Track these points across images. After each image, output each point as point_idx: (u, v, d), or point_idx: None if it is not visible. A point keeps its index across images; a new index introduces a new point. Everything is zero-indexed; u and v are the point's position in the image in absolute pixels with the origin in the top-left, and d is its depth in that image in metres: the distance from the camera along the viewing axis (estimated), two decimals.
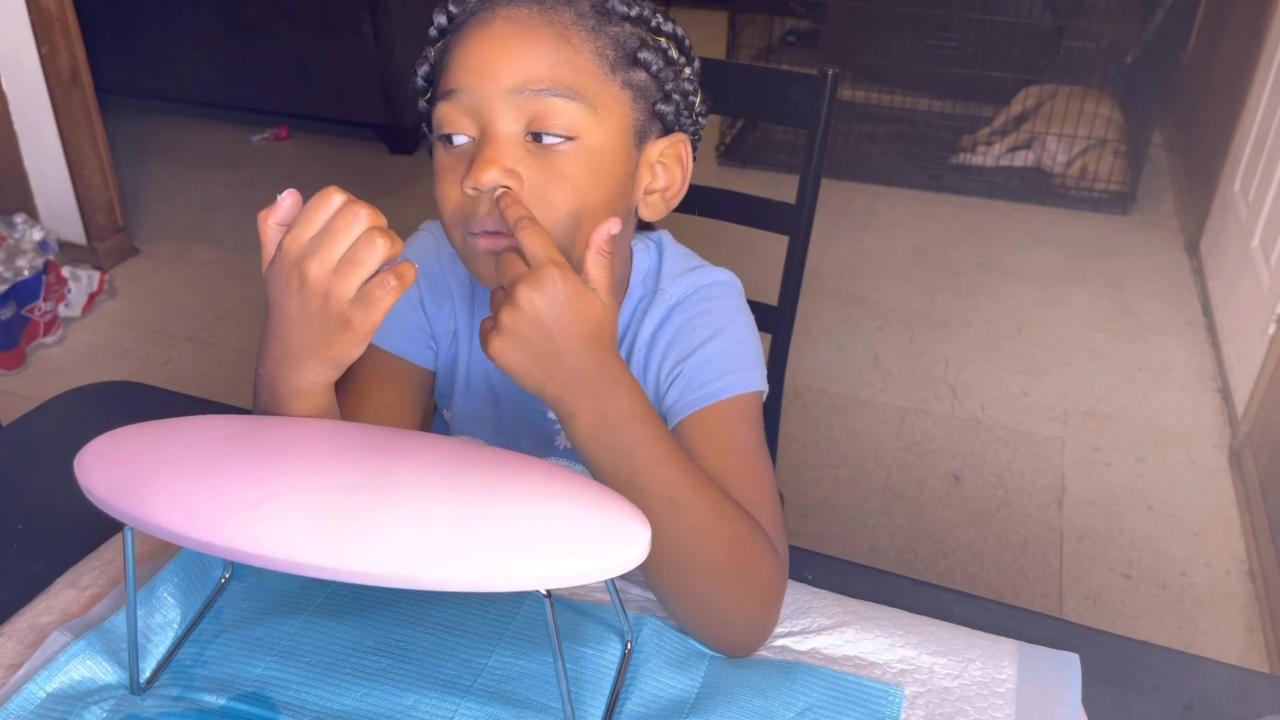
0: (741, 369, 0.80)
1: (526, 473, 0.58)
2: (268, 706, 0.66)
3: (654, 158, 0.79)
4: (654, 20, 0.78)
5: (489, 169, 0.71)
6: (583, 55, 0.73)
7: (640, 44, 0.76)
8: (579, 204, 0.73)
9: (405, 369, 0.87)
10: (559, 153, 0.72)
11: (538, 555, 0.53)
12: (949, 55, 3.48)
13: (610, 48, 0.74)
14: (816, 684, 0.69)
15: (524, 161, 0.72)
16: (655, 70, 0.77)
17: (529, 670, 0.69)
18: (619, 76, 0.75)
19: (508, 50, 0.72)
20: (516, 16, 0.73)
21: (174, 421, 0.64)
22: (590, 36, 0.74)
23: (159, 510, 0.56)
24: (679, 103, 0.79)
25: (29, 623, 0.72)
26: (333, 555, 0.53)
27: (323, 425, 0.63)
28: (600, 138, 0.74)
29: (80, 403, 0.99)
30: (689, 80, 0.80)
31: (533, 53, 0.72)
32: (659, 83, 0.77)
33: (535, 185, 0.72)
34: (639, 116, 0.77)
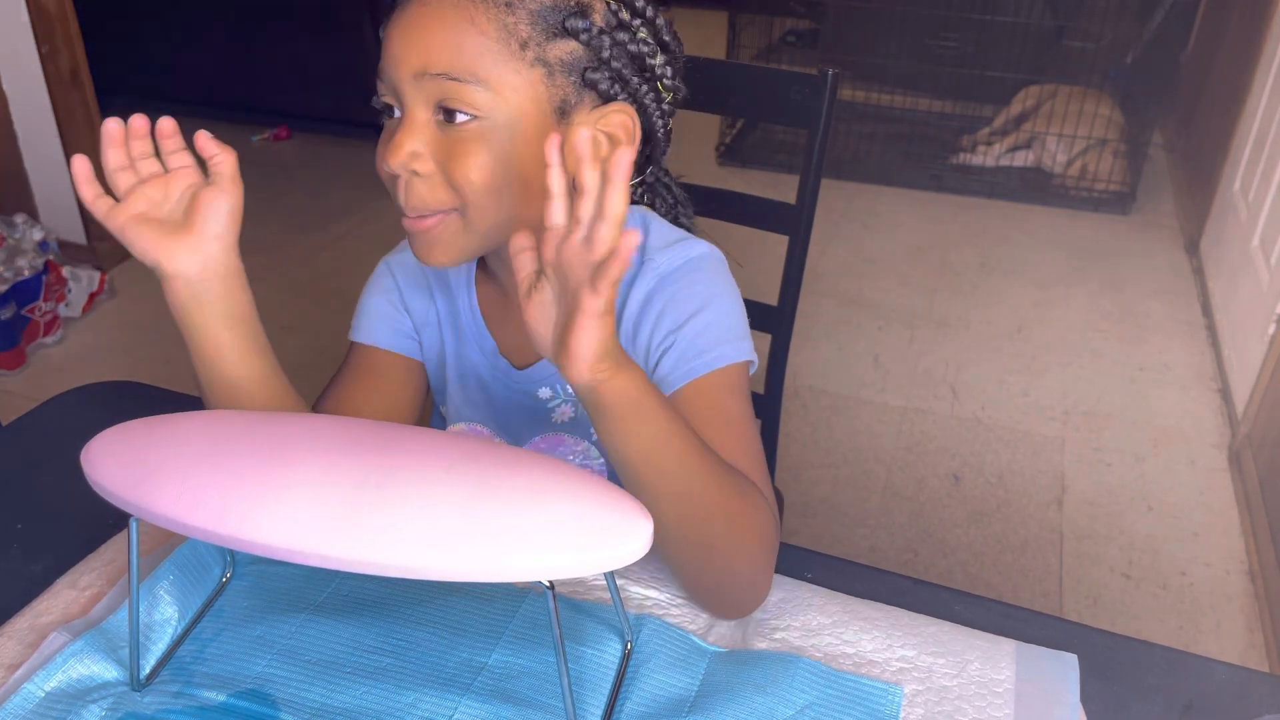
0: (733, 339, 0.81)
1: (530, 466, 0.58)
2: (268, 704, 0.66)
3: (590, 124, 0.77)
4: None
5: (398, 152, 0.74)
6: (486, 36, 0.73)
7: (575, 11, 0.75)
8: (488, 181, 0.75)
9: (394, 362, 0.90)
10: (465, 131, 0.74)
11: (541, 547, 0.53)
12: (949, 55, 3.48)
13: (525, 22, 0.73)
14: (816, 682, 0.69)
15: (434, 142, 0.75)
16: (587, 38, 0.75)
17: (529, 669, 0.69)
18: (529, 53, 0.74)
19: (412, 36, 0.73)
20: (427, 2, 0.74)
21: (180, 416, 0.64)
22: (499, 13, 0.73)
23: (165, 501, 0.57)
24: (620, 69, 0.77)
25: (29, 623, 0.72)
26: (337, 545, 0.53)
27: (328, 420, 0.64)
28: (504, 115, 0.74)
29: (80, 402, 0.99)
30: (645, 42, 0.78)
31: (433, 39, 0.73)
32: (591, 50, 0.76)
33: (444, 165, 0.75)
34: (559, 91, 0.75)
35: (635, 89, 0.78)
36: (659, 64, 0.80)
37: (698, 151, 3.42)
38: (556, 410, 0.90)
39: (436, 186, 0.75)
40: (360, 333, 0.90)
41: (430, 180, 0.75)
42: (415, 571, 0.53)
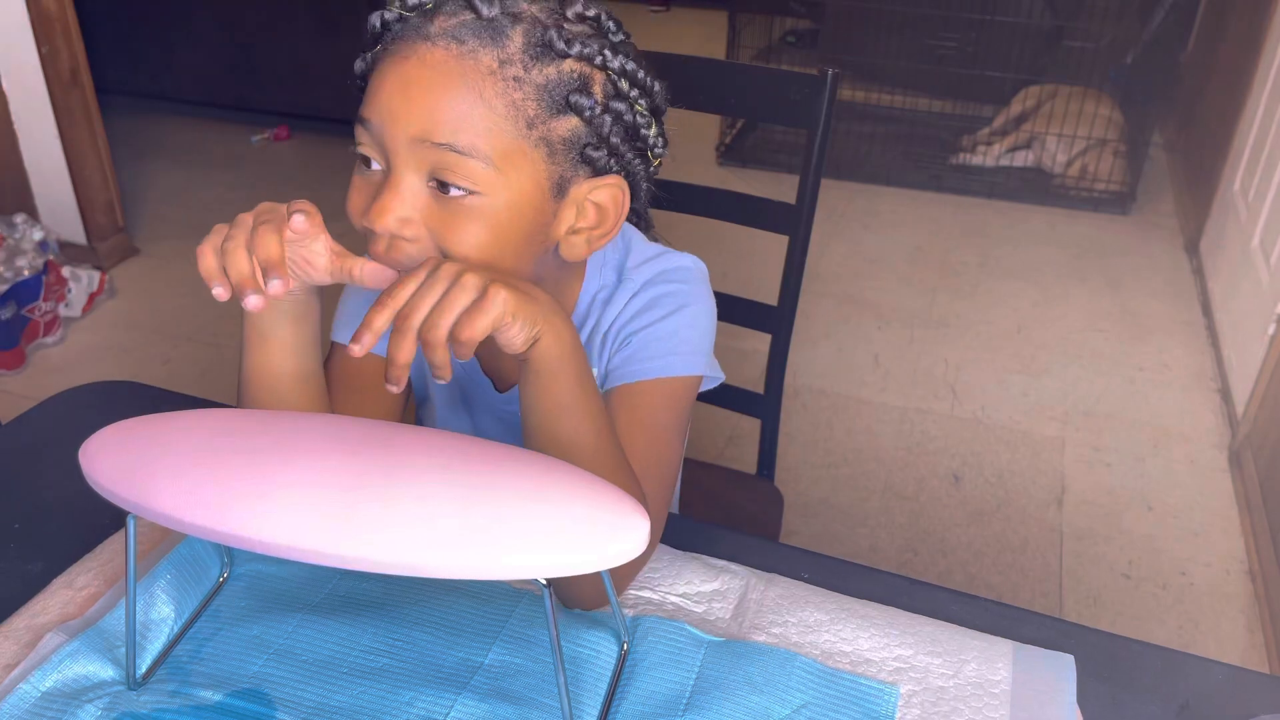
0: (686, 353, 0.81)
1: (527, 465, 0.59)
2: (264, 703, 0.66)
3: (581, 199, 0.75)
4: (599, 57, 0.72)
5: (385, 216, 0.71)
6: (494, 112, 0.69)
7: (578, 86, 0.72)
8: (483, 257, 0.72)
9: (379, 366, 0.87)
10: (462, 205, 0.71)
11: (538, 544, 0.53)
12: (949, 55, 3.48)
13: (533, 99, 0.70)
14: (812, 681, 0.69)
15: (426, 209, 0.72)
16: (589, 115, 0.72)
17: (525, 668, 0.69)
18: (535, 132, 0.71)
19: (413, 98, 0.69)
20: (431, 59, 0.69)
21: (178, 414, 0.64)
22: (509, 88, 0.69)
23: (163, 498, 0.57)
24: (617, 145, 0.74)
25: (26, 623, 0.72)
26: (334, 542, 0.53)
27: (325, 419, 0.64)
28: (505, 195, 0.71)
29: (79, 402, 0.99)
30: (642, 115, 0.76)
31: (438, 106, 0.69)
32: (593, 127, 0.73)
33: (436, 234, 0.72)
34: (558, 169, 0.73)
35: (628, 162, 0.76)
36: (652, 135, 0.78)
37: (698, 151, 3.42)
38: None
39: (424, 252, 0.72)
40: (344, 334, 0.88)
41: (419, 245, 0.72)
42: (412, 569, 0.53)
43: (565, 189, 0.74)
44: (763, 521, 1.26)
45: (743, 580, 0.78)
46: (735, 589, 0.77)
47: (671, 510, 0.85)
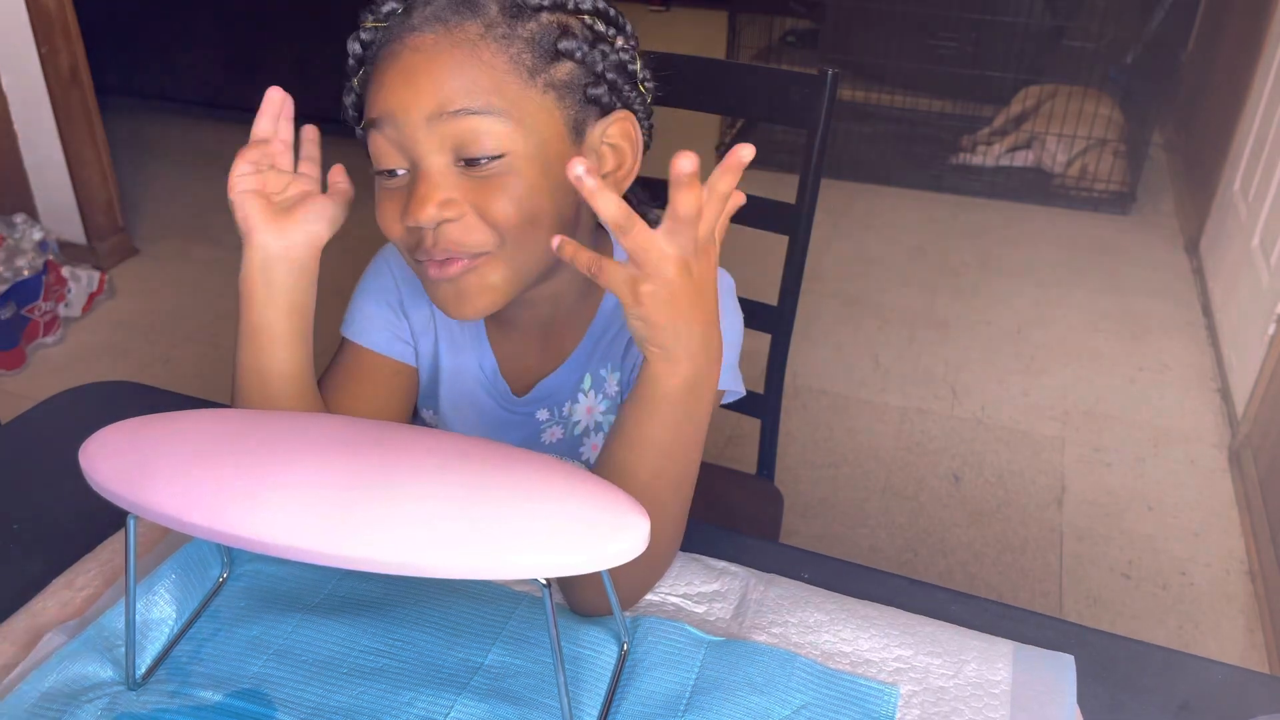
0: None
1: (526, 464, 0.58)
2: (264, 703, 0.66)
3: (597, 143, 0.77)
4: (571, 3, 0.75)
5: (426, 206, 0.72)
6: (496, 69, 0.71)
7: (560, 32, 0.74)
8: (525, 215, 0.73)
9: (388, 367, 0.89)
10: (493, 173, 0.72)
11: (538, 544, 0.53)
12: (949, 55, 3.48)
13: (526, 51, 0.73)
14: (812, 682, 0.69)
15: (460, 188, 0.73)
16: (580, 56, 0.75)
17: (525, 668, 0.69)
18: (540, 79, 0.73)
19: (418, 79, 0.71)
20: (423, 45, 0.72)
21: (178, 414, 0.64)
22: (502, 46, 0.72)
23: (163, 498, 0.57)
24: (614, 79, 0.77)
25: (25, 623, 0.72)
26: (334, 542, 0.53)
27: (325, 419, 0.64)
28: (530, 147, 0.73)
29: (78, 402, 0.99)
30: (624, 50, 0.78)
31: (443, 77, 0.71)
32: (586, 67, 0.75)
33: (476, 206, 0.73)
34: (570, 112, 0.75)
35: (627, 97, 0.78)
36: (639, 68, 0.80)
37: (698, 151, 3.41)
38: (547, 431, 0.91)
39: (472, 228, 0.73)
40: (356, 331, 0.89)
41: (464, 223, 0.73)
42: (412, 569, 0.53)
43: (582, 131, 0.76)
44: (763, 521, 1.26)
45: (743, 581, 0.78)
46: (735, 589, 0.77)
47: None
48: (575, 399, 0.89)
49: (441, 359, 0.90)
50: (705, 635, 0.72)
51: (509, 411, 0.90)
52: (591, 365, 0.88)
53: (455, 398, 0.91)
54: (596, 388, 0.88)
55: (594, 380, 0.88)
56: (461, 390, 0.90)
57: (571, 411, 0.89)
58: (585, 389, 0.88)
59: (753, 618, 0.74)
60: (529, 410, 0.89)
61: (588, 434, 0.91)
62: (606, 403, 0.89)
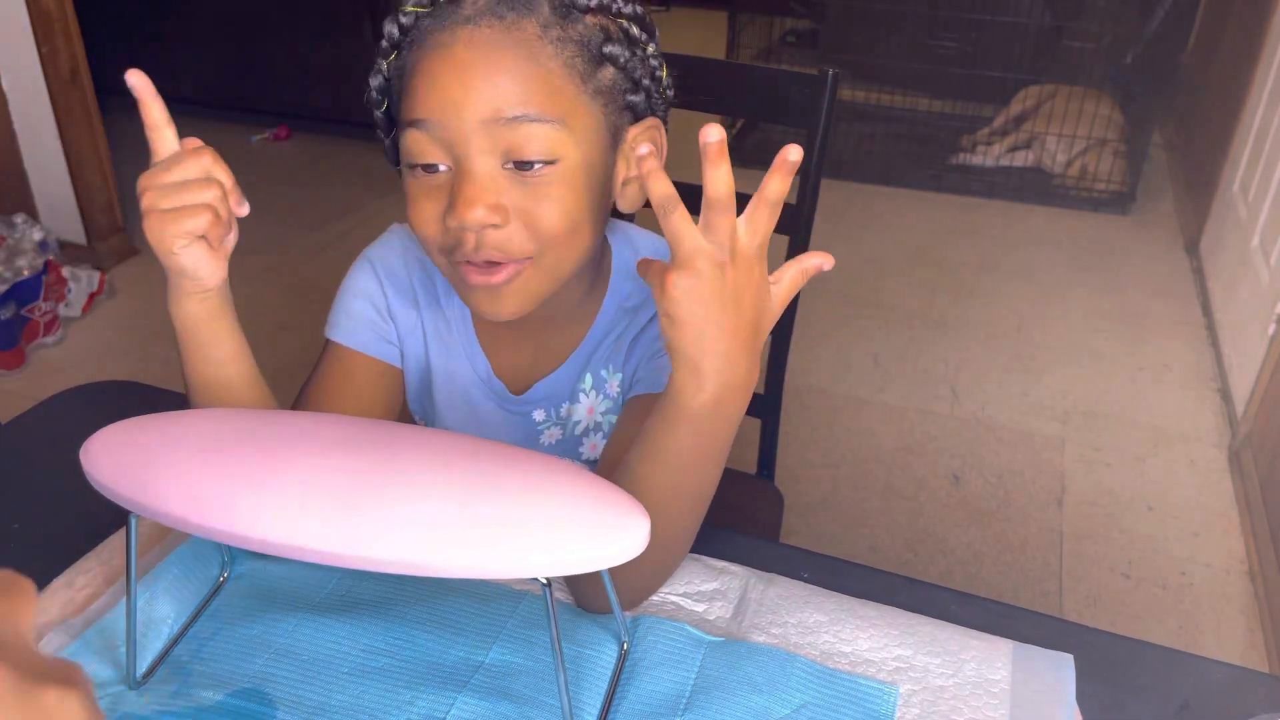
0: None
1: (528, 464, 0.59)
2: (265, 702, 0.66)
3: (628, 149, 0.77)
4: (614, 4, 0.74)
5: (474, 208, 0.70)
6: (553, 73, 0.70)
7: (605, 37, 0.73)
8: (570, 224, 0.73)
9: (374, 369, 0.87)
10: (542, 177, 0.71)
11: (538, 543, 0.53)
12: (949, 55, 3.48)
13: (578, 54, 0.71)
14: (812, 681, 0.69)
15: (507, 192, 0.71)
16: (623, 62, 0.74)
17: (526, 667, 0.69)
18: (590, 85, 0.72)
19: (475, 79, 0.69)
20: (478, 40, 0.69)
21: (179, 414, 0.64)
22: (557, 49, 0.71)
23: (164, 496, 0.57)
24: (649, 86, 0.77)
25: None
26: (335, 541, 0.53)
27: (326, 418, 0.64)
28: (580, 154, 0.72)
29: (78, 402, 0.99)
30: (654, 56, 0.78)
31: (501, 80, 0.69)
32: (627, 73, 0.75)
33: (522, 213, 0.72)
34: (612, 118, 0.75)
35: (656, 104, 0.78)
36: (665, 75, 0.80)
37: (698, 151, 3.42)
38: (545, 432, 0.90)
39: (515, 234, 0.72)
40: (340, 332, 0.87)
41: (507, 230, 0.72)
42: (413, 567, 0.53)
43: (619, 139, 0.76)
44: (763, 521, 1.26)
45: (742, 580, 0.78)
46: (735, 589, 0.77)
47: None
48: (575, 399, 0.88)
49: (432, 361, 0.89)
50: (705, 635, 0.72)
51: (507, 411, 0.89)
52: (593, 365, 0.87)
53: (451, 398, 0.90)
54: (598, 388, 0.88)
55: (595, 380, 0.88)
56: (456, 391, 0.90)
57: (571, 412, 0.89)
58: (586, 389, 0.88)
59: (752, 617, 0.74)
60: (525, 410, 0.89)
61: (588, 434, 0.90)
62: (608, 403, 0.89)
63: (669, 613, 0.75)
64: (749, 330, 0.64)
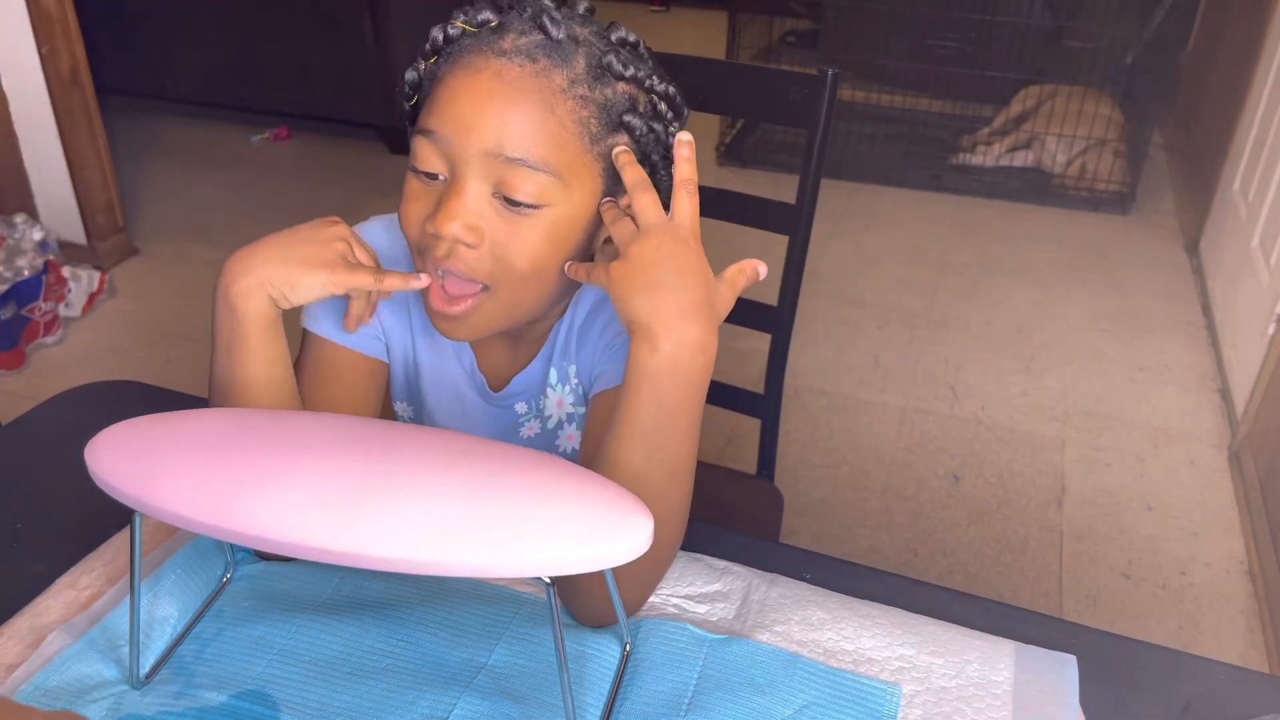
0: None
1: (531, 464, 0.59)
2: (268, 704, 0.66)
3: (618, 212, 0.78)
4: (649, 80, 0.77)
5: (451, 223, 0.72)
6: (564, 127, 0.72)
7: (630, 106, 0.75)
8: (537, 268, 0.75)
9: (362, 362, 0.87)
10: (525, 216, 0.73)
11: (542, 542, 0.53)
12: (949, 55, 3.48)
13: (596, 116, 0.74)
14: (815, 681, 0.69)
15: (489, 218, 0.74)
16: (639, 134, 0.76)
17: (528, 668, 0.69)
18: (598, 148, 0.74)
19: (489, 111, 0.71)
20: (507, 75, 0.72)
21: (184, 413, 0.64)
22: (578, 106, 0.73)
23: (169, 495, 0.57)
24: (656, 162, 0.79)
25: (29, 623, 0.72)
26: (339, 539, 0.53)
27: (330, 418, 0.64)
28: (567, 208, 0.74)
29: (79, 402, 0.99)
30: (673, 133, 0.79)
31: (513, 119, 0.71)
32: (639, 145, 0.77)
33: (497, 243, 0.74)
34: (610, 182, 0.76)
35: (660, 177, 0.80)
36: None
37: (698, 151, 3.41)
38: (525, 425, 0.92)
39: (482, 259, 0.74)
40: (322, 326, 0.86)
41: (478, 253, 0.74)
42: (417, 566, 0.53)
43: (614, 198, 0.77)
44: (763, 521, 1.26)
45: (744, 581, 0.78)
46: (737, 590, 0.77)
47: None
48: (545, 393, 0.91)
49: (420, 355, 0.90)
50: (707, 635, 0.72)
51: (490, 404, 0.91)
52: (555, 360, 0.89)
53: (439, 391, 0.92)
54: (563, 381, 0.90)
55: (559, 374, 0.90)
56: (444, 384, 0.91)
57: (544, 405, 0.91)
58: (553, 383, 0.90)
59: (755, 618, 0.74)
60: (508, 403, 0.91)
61: (561, 426, 0.93)
62: (574, 396, 0.91)
63: (671, 614, 0.75)
64: (700, 301, 0.69)
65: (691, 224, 0.71)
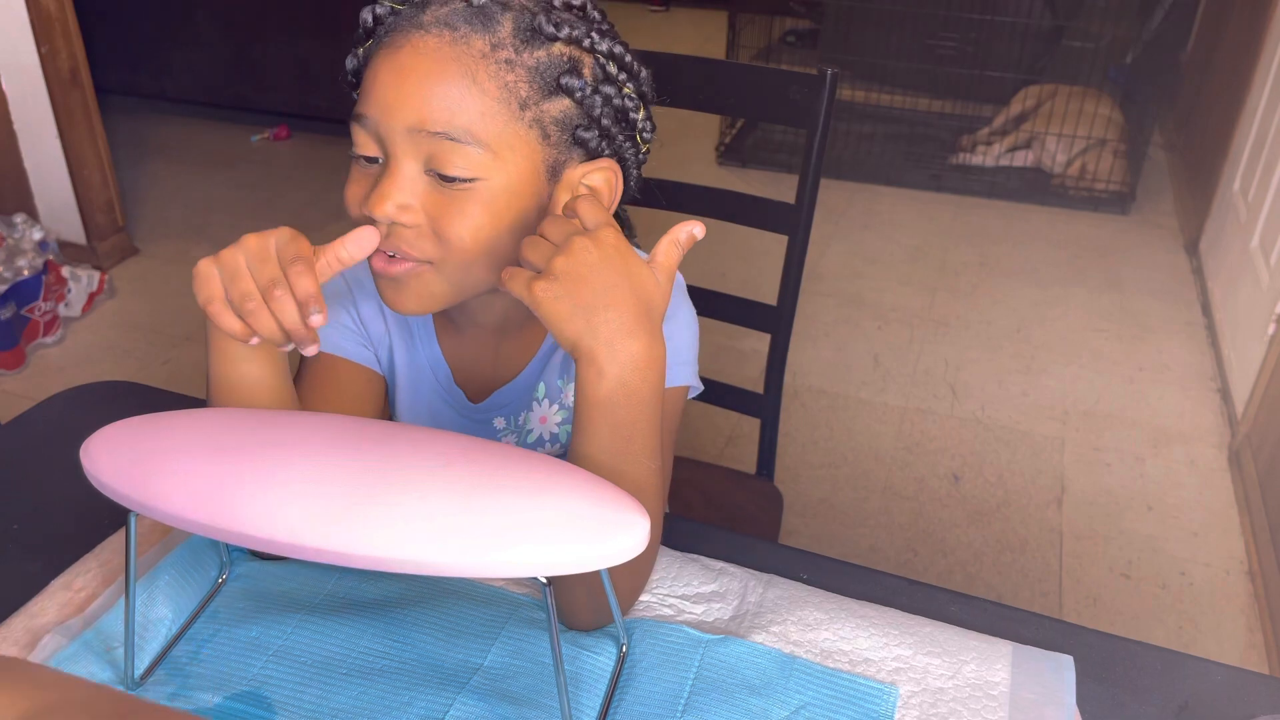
0: (678, 363, 0.81)
1: (527, 463, 0.59)
2: (263, 705, 0.66)
3: (574, 182, 0.76)
4: (587, 40, 0.74)
5: (384, 203, 0.71)
6: (488, 96, 0.70)
7: (568, 68, 0.73)
8: (478, 244, 0.73)
9: (359, 375, 0.86)
10: (460, 191, 0.72)
11: (538, 542, 0.53)
12: (949, 55, 3.48)
13: (525, 81, 0.71)
14: (811, 682, 0.69)
15: (423, 195, 0.72)
16: (580, 96, 0.73)
17: (524, 669, 0.69)
18: (529, 114, 0.72)
19: (407, 87, 0.70)
20: (424, 47, 0.70)
21: (179, 413, 0.64)
22: (501, 70, 0.70)
23: (164, 494, 0.57)
24: (608, 126, 0.75)
25: (24, 624, 0.72)
26: (335, 539, 0.53)
27: (326, 418, 0.64)
28: (503, 178, 0.72)
29: (78, 402, 0.99)
30: (630, 97, 0.77)
31: (432, 93, 0.70)
32: (584, 108, 0.74)
33: (434, 220, 0.72)
34: (552, 151, 0.74)
35: (619, 145, 0.77)
36: (640, 119, 0.79)
37: (698, 151, 3.43)
38: (503, 439, 0.90)
39: (423, 237, 0.73)
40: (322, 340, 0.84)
41: (417, 230, 0.73)
42: (413, 566, 0.53)
43: (559, 172, 0.75)
44: (762, 521, 1.26)
45: (741, 582, 0.78)
46: (734, 590, 0.77)
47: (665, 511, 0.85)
48: (529, 408, 0.88)
49: (397, 367, 0.88)
50: (703, 635, 0.72)
51: (465, 418, 0.89)
52: (546, 375, 0.87)
53: (414, 405, 0.90)
54: (551, 397, 0.88)
55: (548, 389, 0.88)
56: (420, 398, 0.89)
57: (526, 420, 0.89)
58: (539, 398, 0.88)
59: (751, 618, 0.74)
60: (486, 417, 0.89)
61: (541, 443, 0.90)
62: (564, 413, 0.89)
63: (667, 615, 0.75)
64: (638, 312, 0.67)
65: (605, 225, 0.68)
